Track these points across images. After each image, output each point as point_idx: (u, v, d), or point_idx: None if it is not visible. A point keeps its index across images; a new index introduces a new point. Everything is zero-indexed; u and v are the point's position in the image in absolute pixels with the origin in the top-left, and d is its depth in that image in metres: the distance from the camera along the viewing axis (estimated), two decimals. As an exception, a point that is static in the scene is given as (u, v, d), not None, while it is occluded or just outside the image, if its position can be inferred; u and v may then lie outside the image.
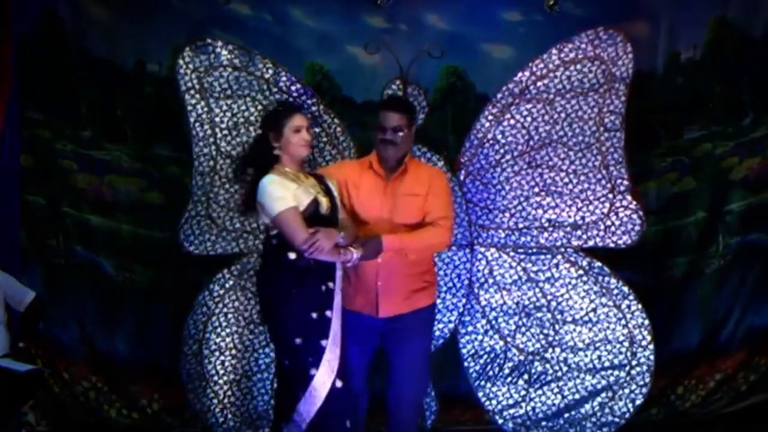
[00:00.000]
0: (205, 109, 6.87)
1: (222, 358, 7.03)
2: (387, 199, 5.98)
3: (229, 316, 7.02)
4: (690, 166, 7.64)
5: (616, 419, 7.04)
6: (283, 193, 5.53)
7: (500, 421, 7.12)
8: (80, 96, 7.49)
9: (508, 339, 7.09)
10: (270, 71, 6.94)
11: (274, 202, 5.50)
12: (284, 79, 6.95)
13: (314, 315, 5.47)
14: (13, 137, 7.27)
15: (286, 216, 5.49)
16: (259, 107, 6.83)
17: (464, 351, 7.13)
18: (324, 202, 5.69)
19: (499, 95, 7.02)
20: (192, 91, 6.86)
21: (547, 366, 7.06)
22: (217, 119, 6.86)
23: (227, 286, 7.02)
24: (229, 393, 7.04)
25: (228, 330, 7.03)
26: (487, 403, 7.12)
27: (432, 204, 5.96)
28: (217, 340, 7.03)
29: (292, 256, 5.50)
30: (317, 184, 5.78)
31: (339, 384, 5.47)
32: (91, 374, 7.48)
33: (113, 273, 7.56)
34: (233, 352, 7.05)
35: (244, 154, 5.89)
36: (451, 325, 7.11)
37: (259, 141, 5.73)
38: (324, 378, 5.42)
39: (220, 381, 7.04)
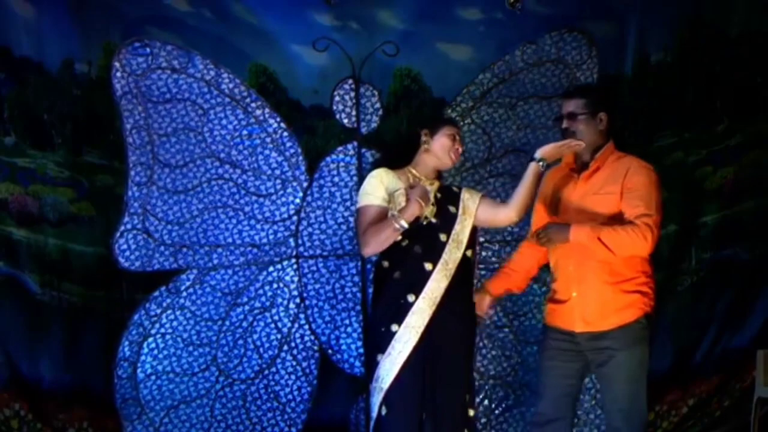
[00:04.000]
0: (143, 114, 6.83)
1: (159, 382, 6.99)
2: (574, 199, 5.63)
3: (167, 336, 7.02)
4: (661, 176, 7.57)
5: (583, 447, 7.02)
6: (374, 190, 5.49)
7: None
8: (2, 98, 7.37)
9: (468, 361, 7.03)
10: (211, 73, 6.94)
11: (361, 195, 5.54)
12: (226, 81, 6.97)
13: (382, 329, 5.40)
14: (-73, 142, 7.18)
15: (362, 213, 5.49)
16: (200, 112, 6.80)
17: (421, 375, 7.06)
18: (427, 210, 5.53)
19: (458, 98, 6.99)
20: (128, 96, 6.82)
21: (510, 390, 7.04)
22: (155, 125, 6.81)
23: (164, 304, 7.00)
24: (166, 420, 6.99)
25: (165, 352, 7.02)
26: (446, 430, 7.05)
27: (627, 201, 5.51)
28: (154, 363, 7.00)
29: (386, 264, 5.48)
30: (437, 193, 5.63)
31: (384, 411, 5.35)
32: (14, 401, 7.29)
33: (38, 291, 7.41)
34: (171, 375, 7.01)
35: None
36: (407, 347, 7.04)
37: (410, 136, 5.75)
38: (375, 396, 5.37)
39: (157, 407, 6.99)
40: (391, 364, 5.32)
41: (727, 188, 7.56)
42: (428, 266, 5.43)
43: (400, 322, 5.34)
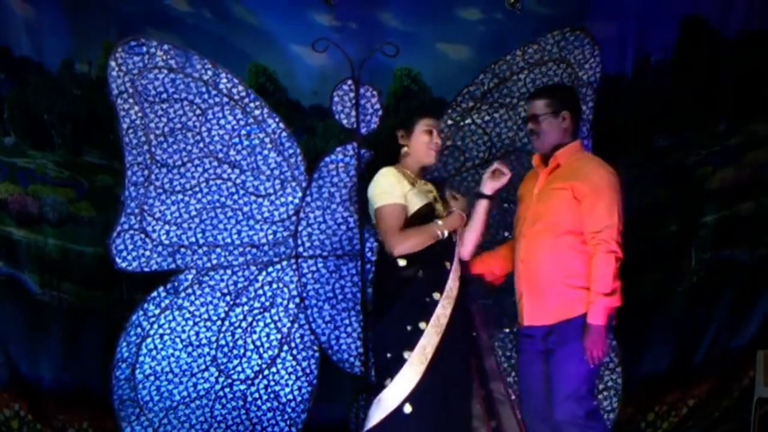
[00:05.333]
0: (139, 114, 6.83)
1: (157, 383, 6.98)
2: (534, 194, 5.78)
3: (165, 337, 6.99)
4: (661, 176, 7.65)
5: (582, 447, 7.01)
6: (392, 189, 5.52)
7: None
8: (2, 98, 7.43)
9: (467, 362, 7.04)
10: (209, 73, 6.92)
11: (379, 195, 5.51)
12: (225, 81, 6.94)
13: (409, 327, 5.40)
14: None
15: (387, 212, 5.50)
16: (197, 112, 6.79)
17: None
18: (439, 208, 5.67)
19: (458, 98, 7.00)
20: (125, 95, 6.82)
21: (510, 390, 7.00)
22: (152, 125, 6.81)
23: (163, 305, 6.99)
24: (165, 421, 6.98)
25: (164, 353, 7.00)
26: (445, 431, 7.06)
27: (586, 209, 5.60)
28: (152, 364, 6.99)
29: (402, 263, 5.46)
30: (434, 190, 5.76)
31: (408, 409, 5.36)
32: (14, 401, 7.36)
33: (38, 291, 7.48)
34: (169, 376, 7.00)
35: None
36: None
37: (391, 139, 5.76)
38: (395, 393, 5.35)
39: (156, 408, 6.98)
40: (420, 363, 5.35)
41: (728, 188, 7.55)
42: (447, 265, 5.54)
43: (427, 320, 5.39)
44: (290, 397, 7.07)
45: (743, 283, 7.49)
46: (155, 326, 6.95)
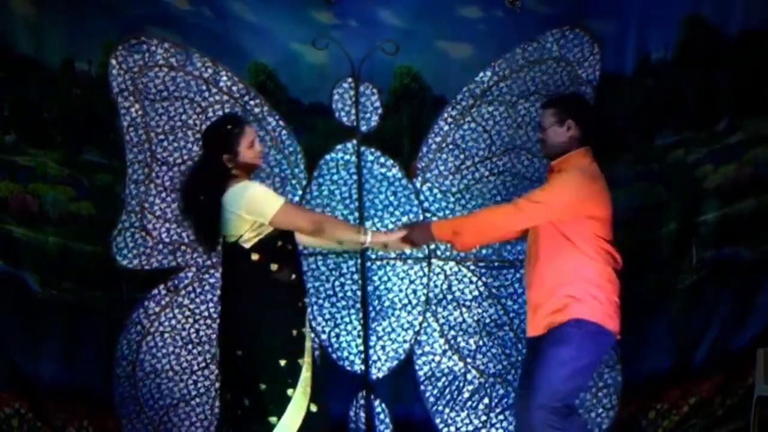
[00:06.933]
0: (140, 112, 6.86)
1: (158, 380, 7.05)
2: None
3: (165, 335, 7.04)
4: (661, 174, 7.64)
5: (583, 445, 7.05)
6: (271, 190, 5.49)
7: (459, 449, 7.13)
8: (2, 97, 7.44)
9: (468, 360, 7.12)
10: (209, 71, 6.97)
11: (270, 200, 5.36)
12: (225, 79, 6.99)
13: (294, 332, 5.40)
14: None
15: (291, 206, 5.51)
16: (198, 110, 6.80)
17: (420, 373, 7.16)
18: None
19: (458, 96, 7.03)
20: (125, 93, 6.86)
21: (510, 389, 7.09)
22: (153, 123, 6.84)
23: (163, 303, 7.05)
24: (166, 419, 7.04)
25: (164, 350, 7.07)
26: (446, 429, 7.18)
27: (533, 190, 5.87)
28: (153, 362, 7.06)
29: (274, 267, 5.42)
30: None
31: (314, 408, 5.40)
32: (14, 400, 7.35)
33: (38, 289, 7.45)
34: (170, 374, 7.07)
35: (194, 183, 5.52)
36: (407, 345, 7.10)
37: (213, 164, 5.46)
38: (300, 400, 5.36)
39: (156, 405, 7.04)
40: (310, 366, 5.37)
41: (728, 186, 7.44)
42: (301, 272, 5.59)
43: (304, 325, 5.42)
44: (290, 395, 7.11)
45: (744, 281, 7.46)
46: (155, 324, 7.00)
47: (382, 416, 7.02)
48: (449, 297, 7.09)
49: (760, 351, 7.00)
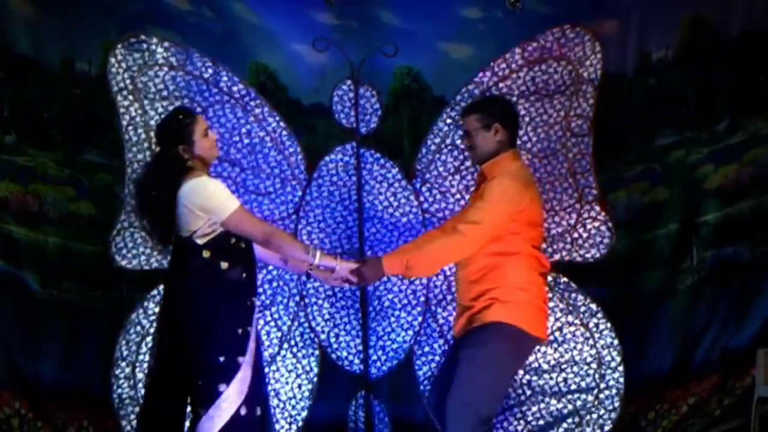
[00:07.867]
0: (139, 111, 6.85)
1: (157, 381, 6.97)
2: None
3: (166, 335, 6.96)
4: (662, 174, 7.65)
5: (584, 446, 7.06)
6: (228, 191, 5.51)
7: (459, 450, 7.12)
8: (2, 97, 7.46)
9: (468, 360, 7.09)
10: (209, 71, 6.96)
11: (226, 200, 5.41)
12: (225, 79, 6.98)
13: (239, 331, 5.42)
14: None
15: (244, 211, 5.50)
16: (198, 110, 6.79)
17: (420, 374, 7.13)
18: None
19: (458, 97, 7.04)
20: (125, 92, 6.84)
21: (509, 389, 7.04)
22: (152, 122, 6.82)
23: (163, 303, 6.97)
24: (165, 419, 6.97)
25: (164, 351, 6.97)
26: (445, 429, 7.11)
27: (469, 207, 5.95)
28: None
29: (224, 265, 5.44)
30: None
31: (243, 411, 5.38)
32: (14, 400, 7.38)
33: (38, 289, 7.50)
34: (169, 374, 6.98)
35: (150, 178, 5.54)
36: (406, 345, 7.10)
37: (170, 158, 5.50)
38: (232, 397, 5.36)
39: (155, 406, 6.97)
40: (249, 366, 5.38)
41: (729, 186, 7.48)
42: (255, 271, 5.62)
43: (250, 324, 5.44)
44: (290, 394, 7.11)
45: (744, 282, 7.49)
46: (156, 324, 6.99)
47: (381, 416, 7.03)
48: (449, 297, 7.09)
49: (760, 351, 7.01)
